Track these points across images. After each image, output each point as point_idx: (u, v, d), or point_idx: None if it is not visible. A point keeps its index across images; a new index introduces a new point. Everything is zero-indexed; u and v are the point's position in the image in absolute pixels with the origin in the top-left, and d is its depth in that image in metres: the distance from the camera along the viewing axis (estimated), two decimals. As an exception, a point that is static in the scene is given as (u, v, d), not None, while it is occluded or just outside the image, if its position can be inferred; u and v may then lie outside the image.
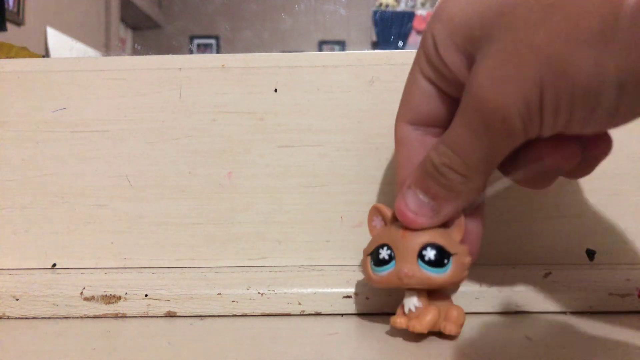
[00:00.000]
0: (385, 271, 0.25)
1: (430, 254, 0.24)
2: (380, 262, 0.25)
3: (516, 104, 0.20)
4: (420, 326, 0.25)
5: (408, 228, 0.25)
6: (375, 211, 0.27)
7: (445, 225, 0.25)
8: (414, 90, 0.25)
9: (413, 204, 0.25)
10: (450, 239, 0.25)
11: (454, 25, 0.22)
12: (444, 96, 0.25)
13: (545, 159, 0.23)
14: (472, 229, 0.26)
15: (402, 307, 0.26)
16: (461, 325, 0.26)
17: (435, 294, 0.26)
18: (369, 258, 0.26)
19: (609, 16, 0.17)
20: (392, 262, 0.25)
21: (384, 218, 0.27)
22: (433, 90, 0.25)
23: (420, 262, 0.24)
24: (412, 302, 0.25)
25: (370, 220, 0.27)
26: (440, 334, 0.26)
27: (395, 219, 0.26)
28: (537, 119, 0.20)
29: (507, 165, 0.25)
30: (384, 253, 0.25)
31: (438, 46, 0.23)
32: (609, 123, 0.20)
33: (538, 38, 0.19)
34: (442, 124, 0.25)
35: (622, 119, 0.20)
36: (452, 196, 0.24)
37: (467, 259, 0.25)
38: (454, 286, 0.28)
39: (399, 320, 0.26)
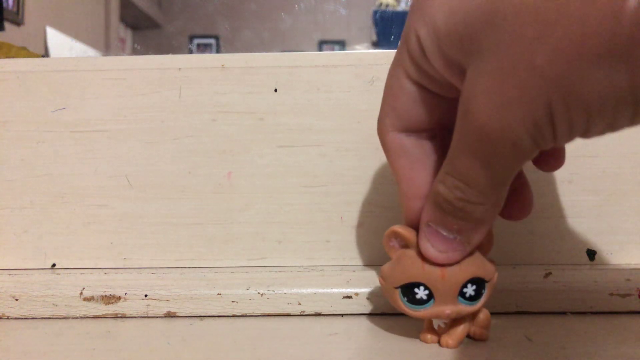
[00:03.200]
0: (423, 309, 0.24)
1: (471, 290, 0.24)
2: (417, 302, 0.24)
3: (525, 127, 0.18)
4: (453, 341, 0.25)
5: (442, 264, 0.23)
6: (393, 234, 0.25)
7: None
8: (399, 95, 0.23)
9: (439, 244, 0.23)
10: (483, 263, 0.24)
11: (439, 32, 0.20)
12: (433, 97, 0.23)
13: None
14: None
15: (430, 321, 0.26)
16: (489, 327, 0.26)
17: None
18: (398, 291, 0.25)
19: (613, 33, 0.16)
20: (431, 301, 0.24)
21: (405, 242, 0.25)
22: (421, 93, 0.23)
23: (460, 298, 0.24)
24: (441, 319, 0.25)
25: (387, 241, 0.25)
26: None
27: None
28: (549, 135, 0.18)
29: None
30: (421, 293, 0.24)
31: (425, 51, 0.21)
32: (628, 126, 0.19)
33: (538, 58, 0.17)
34: (435, 126, 0.24)
35: None
36: (477, 224, 0.22)
37: (496, 277, 0.25)
38: None
39: (430, 337, 0.25)
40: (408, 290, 0.24)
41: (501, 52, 0.18)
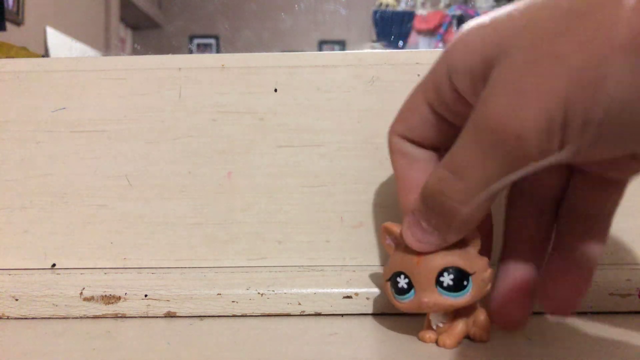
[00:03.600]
0: (407, 299, 0.25)
1: (448, 279, 0.24)
2: (400, 291, 0.25)
3: (535, 119, 0.18)
4: (451, 341, 0.25)
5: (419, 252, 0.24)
6: (384, 230, 0.26)
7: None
8: (414, 113, 0.25)
9: (418, 232, 0.24)
10: (466, 254, 0.24)
11: (470, 51, 0.21)
12: (443, 122, 0.24)
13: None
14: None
15: (429, 320, 0.26)
16: (489, 329, 0.26)
17: None
18: (389, 284, 0.26)
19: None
20: (412, 291, 0.24)
21: (394, 237, 0.26)
22: (433, 117, 0.24)
23: (439, 288, 0.24)
24: (438, 318, 0.25)
25: (383, 239, 0.27)
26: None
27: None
28: (557, 138, 0.18)
29: None
30: (402, 282, 0.25)
31: (452, 75, 0.22)
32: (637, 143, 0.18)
33: (563, 47, 0.17)
34: (435, 146, 0.25)
35: None
36: (453, 225, 0.23)
37: (488, 273, 0.24)
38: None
39: (428, 336, 0.26)
40: (394, 281, 0.25)
41: (527, 48, 0.19)
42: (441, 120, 0.24)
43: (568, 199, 0.25)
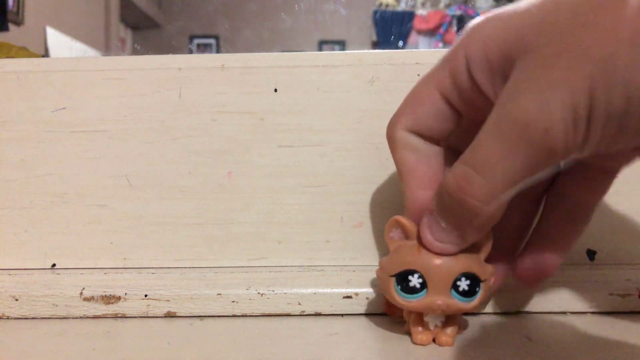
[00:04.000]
0: (415, 299, 0.24)
1: (464, 284, 0.24)
2: (409, 290, 0.24)
3: (562, 112, 0.18)
4: (451, 339, 0.25)
5: (438, 253, 0.24)
6: (395, 223, 0.25)
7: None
8: (425, 102, 0.24)
9: (438, 233, 0.24)
10: (480, 262, 0.25)
11: (489, 44, 0.21)
12: (455, 114, 0.24)
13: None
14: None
15: (424, 324, 0.26)
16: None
17: None
18: (393, 280, 0.25)
19: None
20: (424, 291, 0.24)
21: (406, 232, 0.25)
22: (446, 107, 0.24)
23: (453, 292, 0.24)
24: (437, 318, 0.25)
25: (388, 231, 0.26)
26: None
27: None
28: (582, 132, 0.19)
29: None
30: (415, 281, 0.24)
31: (471, 66, 0.22)
32: None
33: (587, 39, 0.18)
34: (443, 139, 0.25)
35: None
36: (474, 224, 0.23)
37: (492, 280, 0.25)
38: None
39: (425, 338, 0.25)
40: (403, 278, 0.24)
41: (551, 42, 0.19)
42: (452, 111, 0.24)
43: (558, 186, 0.26)
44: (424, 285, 0.24)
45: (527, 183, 0.21)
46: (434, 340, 0.26)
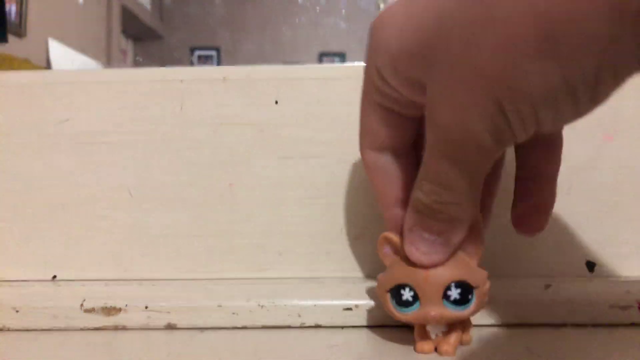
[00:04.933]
0: (410, 311, 0.25)
1: (455, 293, 0.24)
2: (403, 303, 0.25)
3: (483, 124, 0.19)
4: (453, 349, 0.25)
5: (427, 265, 0.24)
6: (383, 240, 0.26)
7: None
8: (371, 118, 0.25)
9: (423, 246, 0.24)
10: (470, 268, 0.25)
11: (395, 57, 0.22)
12: (401, 118, 0.24)
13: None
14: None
15: (426, 332, 0.26)
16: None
17: None
18: (389, 295, 0.25)
19: (538, 34, 0.17)
20: (417, 303, 0.24)
21: (395, 248, 0.26)
22: (389, 115, 0.24)
23: (445, 301, 0.24)
24: (438, 328, 0.26)
25: (380, 248, 0.27)
26: None
27: None
28: (507, 132, 0.20)
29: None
30: (407, 295, 0.25)
31: (385, 77, 0.23)
32: (579, 115, 0.20)
33: (480, 59, 0.18)
34: (406, 144, 0.26)
35: (589, 109, 0.19)
36: (456, 224, 0.23)
37: (487, 286, 0.25)
38: None
39: (427, 347, 0.26)
40: (396, 292, 0.25)
41: (451, 60, 0.19)
42: (396, 116, 0.24)
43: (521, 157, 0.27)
44: (415, 297, 0.24)
45: (485, 173, 0.22)
46: (435, 350, 0.26)
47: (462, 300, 0.24)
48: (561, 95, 0.18)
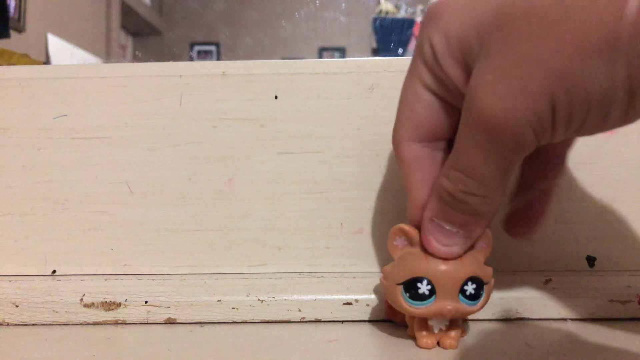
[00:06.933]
0: (424, 305, 0.24)
1: (471, 288, 0.24)
2: (418, 297, 0.24)
3: (527, 117, 0.19)
4: (455, 342, 0.25)
5: (444, 258, 0.24)
6: (399, 232, 0.26)
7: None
8: (416, 105, 0.24)
9: (443, 237, 0.24)
10: (481, 265, 0.25)
11: (451, 37, 0.21)
12: (448, 106, 0.24)
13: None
14: None
15: (428, 327, 0.26)
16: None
17: None
18: (400, 288, 0.25)
19: (614, 27, 0.17)
20: (432, 297, 0.24)
21: (410, 240, 0.25)
22: (436, 102, 0.24)
23: (461, 296, 0.24)
24: (442, 322, 0.26)
25: (391, 240, 0.26)
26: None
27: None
28: (549, 129, 0.20)
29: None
30: (424, 288, 0.24)
31: (438, 56, 0.22)
32: (620, 124, 0.20)
33: (544, 52, 0.18)
34: (448, 137, 0.25)
35: (632, 119, 0.20)
36: (479, 218, 0.23)
37: (492, 283, 0.25)
38: None
39: (430, 341, 0.26)
40: (410, 286, 0.25)
41: (507, 48, 0.19)
42: (443, 103, 0.24)
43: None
44: (432, 291, 0.24)
45: (515, 169, 0.22)
46: (438, 344, 0.26)
47: (475, 296, 0.24)
48: (619, 95, 0.18)
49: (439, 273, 0.24)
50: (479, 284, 0.24)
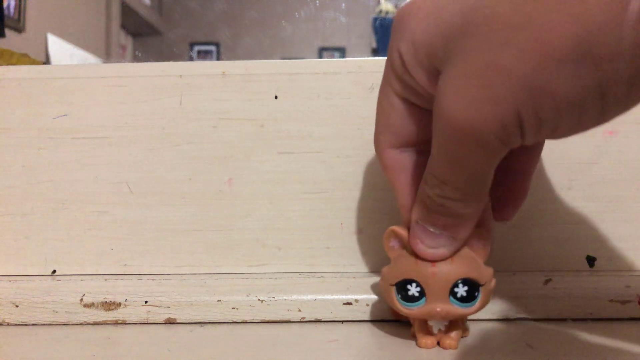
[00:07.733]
0: (416, 307, 0.25)
1: (462, 290, 0.24)
2: (409, 298, 0.25)
3: (493, 126, 0.19)
4: (455, 343, 0.25)
5: (432, 260, 0.24)
6: (391, 234, 0.26)
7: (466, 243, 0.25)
8: (391, 113, 0.24)
9: (428, 239, 0.24)
10: (477, 266, 0.25)
11: (417, 44, 0.21)
12: (421, 111, 0.24)
13: None
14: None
15: (428, 328, 0.26)
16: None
17: None
18: (394, 289, 0.25)
19: (579, 36, 0.17)
20: (423, 299, 0.24)
21: (402, 242, 0.26)
22: (410, 108, 0.24)
23: (452, 298, 0.24)
24: (442, 323, 0.26)
25: (387, 241, 0.26)
26: None
27: None
28: (517, 135, 0.19)
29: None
30: (414, 290, 0.25)
31: (406, 64, 0.22)
32: (597, 124, 0.19)
33: (506, 59, 0.18)
34: (428, 139, 0.25)
35: (610, 118, 0.19)
36: (461, 220, 0.23)
37: (493, 284, 0.25)
38: None
39: (429, 341, 0.26)
40: (402, 287, 0.25)
41: (470, 56, 0.19)
42: (416, 109, 0.24)
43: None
44: (422, 293, 0.24)
45: (492, 170, 0.22)
46: (438, 344, 0.26)
47: (469, 298, 0.24)
48: (590, 100, 0.18)
49: (427, 275, 0.24)
50: (472, 285, 0.24)
